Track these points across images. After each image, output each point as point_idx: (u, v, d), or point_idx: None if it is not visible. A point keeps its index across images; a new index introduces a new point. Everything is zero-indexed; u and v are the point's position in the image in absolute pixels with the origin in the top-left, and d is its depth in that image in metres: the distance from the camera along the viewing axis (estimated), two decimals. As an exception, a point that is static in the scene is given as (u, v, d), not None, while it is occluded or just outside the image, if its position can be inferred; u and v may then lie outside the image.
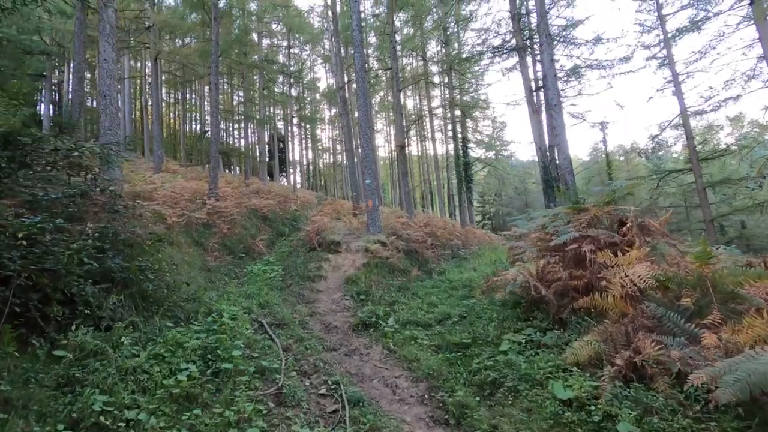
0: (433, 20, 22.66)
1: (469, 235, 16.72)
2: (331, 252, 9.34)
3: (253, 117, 24.47)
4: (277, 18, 27.26)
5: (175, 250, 7.77)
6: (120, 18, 18.30)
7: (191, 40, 28.05)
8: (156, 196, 9.13)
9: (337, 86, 17.32)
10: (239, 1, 22.39)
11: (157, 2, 27.51)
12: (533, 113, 13.62)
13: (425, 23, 23.04)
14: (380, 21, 23.32)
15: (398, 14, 24.20)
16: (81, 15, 10.69)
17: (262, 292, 7.42)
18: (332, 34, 20.67)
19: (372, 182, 10.77)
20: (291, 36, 27.50)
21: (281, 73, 27.89)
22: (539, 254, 5.67)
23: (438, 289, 8.70)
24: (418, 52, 21.51)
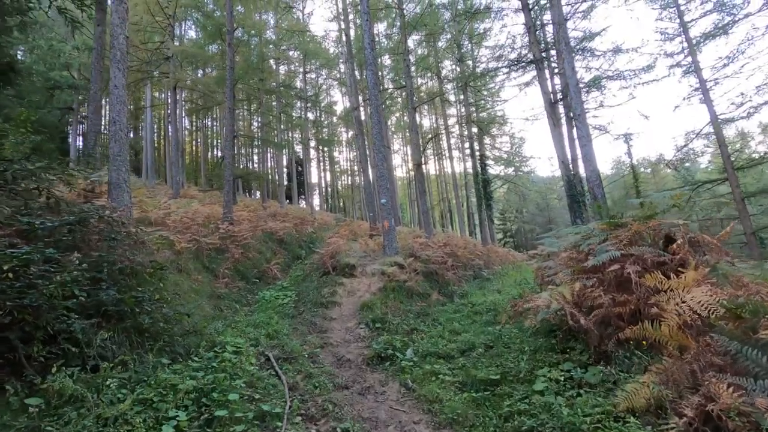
0: (446, 39, 22.55)
1: (491, 254, 15.97)
2: (346, 276, 8.83)
3: (271, 141, 24.56)
4: (294, 45, 27.69)
5: (182, 278, 7.40)
6: (141, 49, 18.77)
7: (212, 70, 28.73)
8: (167, 221, 8.87)
9: (351, 107, 17.13)
10: (256, 30, 22.79)
11: (179, 35, 28.41)
12: (554, 126, 13.01)
13: (439, 42, 22.94)
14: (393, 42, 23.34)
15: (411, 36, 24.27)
16: (98, 45, 10.78)
17: (271, 321, 6.93)
18: (346, 57, 20.70)
19: (388, 201, 10.29)
20: (307, 61, 27.78)
21: (298, 98, 28.14)
22: (573, 276, 5.01)
23: (460, 314, 8.04)
24: (432, 71, 21.27)
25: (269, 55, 26.49)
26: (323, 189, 48.70)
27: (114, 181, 7.59)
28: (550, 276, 5.88)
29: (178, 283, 6.89)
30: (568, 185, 12.70)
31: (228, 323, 6.78)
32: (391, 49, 23.70)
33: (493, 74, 20.20)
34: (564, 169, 12.76)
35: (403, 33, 15.48)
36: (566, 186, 12.73)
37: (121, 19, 8.15)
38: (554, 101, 13.37)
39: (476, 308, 8.38)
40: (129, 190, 7.77)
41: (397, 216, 30.27)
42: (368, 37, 10.92)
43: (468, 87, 19.18)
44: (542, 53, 13.61)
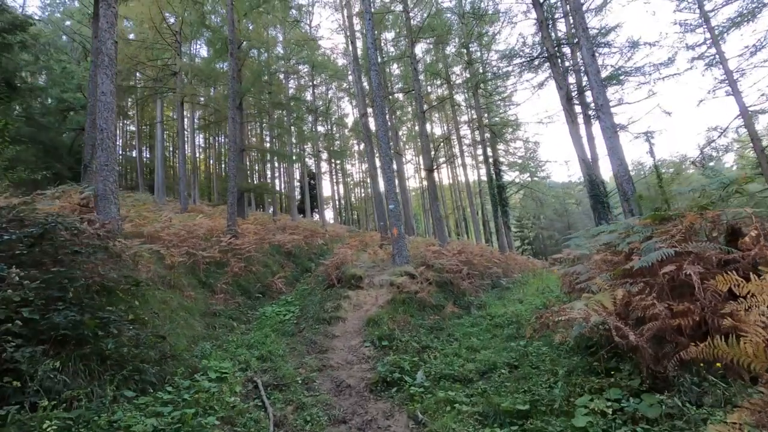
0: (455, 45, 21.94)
1: (510, 261, 14.98)
2: (352, 288, 8.05)
3: (280, 154, 24.17)
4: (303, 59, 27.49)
5: (173, 294, 6.72)
6: (148, 66, 18.64)
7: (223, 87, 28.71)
8: (161, 234, 8.27)
9: (359, 114, 16.54)
10: (264, 45, 22.56)
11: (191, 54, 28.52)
12: (572, 123, 12.12)
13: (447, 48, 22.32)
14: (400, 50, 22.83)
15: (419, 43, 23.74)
16: (95, 56, 10.44)
17: (267, 341, 6.18)
18: (353, 66, 20.23)
19: (396, 207, 9.53)
20: (315, 74, 27.50)
21: (309, 111, 27.80)
22: (613, 282, 4.13)
23: (478, 327, 7.16)
24: (441, 77, 20.61)
25: (278, 69, 26.33)
26: (336, 202, 48.23)
27: (101, 192, 7.04)
28: (581, 282, 4.98)
29: (166, 301, 6.21)
30: (590, 185, 11.73)
31: (218, 344, 6.04)
32: (399, 56, 23.20)
33: (505, 76, 19.44)
34: (584, 168, 11.82)
35: (410, 37, 14.88)
36: (588, 186, 11.76)
37: (109, 24, 7.70)
38: (570, 97, 12.49)
39: (496, 320, 7.49)
40: (117, 201, 7.20)
41: (411, 225, 29.42)
42: (371, 37, 10.31)
43: (478, 90, 18.42)
44: (555, 48, 12.79)
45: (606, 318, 3.44)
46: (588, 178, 11.78)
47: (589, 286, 4.63)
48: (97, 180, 7.09)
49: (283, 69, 26.48)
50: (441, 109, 32.16)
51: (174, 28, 18.60)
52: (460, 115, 29.34)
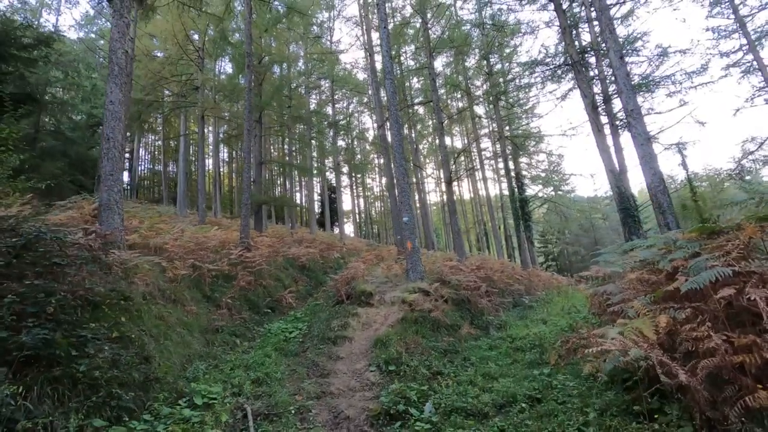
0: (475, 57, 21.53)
1: (533, 278, 14.17)
2: (362, 305, 7.54)
3: (299, 167, 24.10)
4: (324, 74, 27.63)
5: (173, 309, 6.38)
6: (171, 81, 18.91)
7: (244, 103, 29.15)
8: (166, 246, 8.01)
9: (377, 126, 16.24)
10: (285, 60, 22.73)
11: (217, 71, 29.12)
12: (598, 133, 11.42)
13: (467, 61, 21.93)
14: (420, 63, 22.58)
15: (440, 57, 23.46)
16: (112, 70, 10.51)
17: (266, 361, 5.72)
18: (371, 79, 20.07)
19: (411, 220, 9.02)
20: (336, 88, 27.58)
21: (329, 125, 27.82)
22: (654, 306, 3.50)
23: (497, 351, 6.51)
24: (461, 89, 20.17)
25: (299, 84, 26.52)
26: (357, 216, 48.01)
27: (104, 202, 6.82)
28: (615, 305, 4.34)
29: (163, 317, 5.86)
30: (620, 197, 10.94)
31: (214, 364, 5.62)
32: (418, 69, 22.94)
33: (527, 87, 18.85)
34: (613, 179, 11.05)
35: (428, 47, 14.55)
36: (617, 198, 10.97)
37: (120, 34, 7.61)
38: (596, 106, 11.80)
39: (517, 343, 6.83)
40: (121, 211, 6.96)
41: (432, 240, 28.76)
42: (386, 45, 9.99)
43: (499, 102, 17.87)
44: (579, 55, 12.18)
45: (648, 352, 2.82)
46: (617, 190, 11.01)
47: (624, 310, 3.99)
48: (102, 189, 6.88)
49: (303, 84, 26.67)
50: (461, 122, 31.67)
51: (197, 45, 18.91)
52: (480, 127, 28.76)
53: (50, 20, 23.61)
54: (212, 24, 18.45)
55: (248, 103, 12.66)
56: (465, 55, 20.42)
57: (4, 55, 10.34)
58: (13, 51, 10.71)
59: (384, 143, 15.62)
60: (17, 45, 10.75)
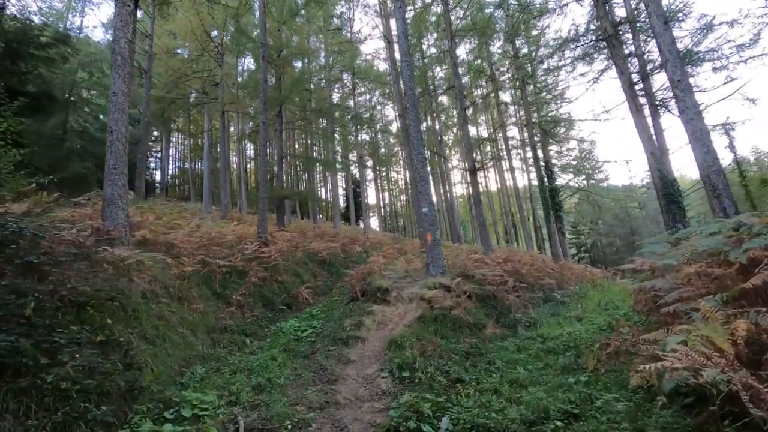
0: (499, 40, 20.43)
1: (565, 271, 13.21)
2: (378, 302, 6.98)
3: (324, 162, 23.75)
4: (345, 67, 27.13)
5: (177, 308, 6.02)
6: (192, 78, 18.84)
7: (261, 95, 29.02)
8: (176, 242, 7.70)
9: (397, 115, 15.58)
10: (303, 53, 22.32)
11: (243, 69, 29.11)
12: (636, 112, 10.36)
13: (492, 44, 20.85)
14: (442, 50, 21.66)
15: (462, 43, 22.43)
16: (125, 64, 10.33)
17: (272, 364, 5.25)
18: (391, 69, 19.38)
19: (430, 211, 8.37)
20: (357, 80, 27.02)
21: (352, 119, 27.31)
22: (727, 307, 2.76)
23: (526, 353, 5.81)
24: (485, 74, 19.18)
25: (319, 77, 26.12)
26: (382, 210, 47.51)
27: (108, 197, 6.54)
28: (670, 304, 3.58)
29: (164, 316, 5.49)
30: (662, 182, 9.89)
31: (216, 367, 5.20)
32: (440, 55, 22.04)
33: (556, 70, 17.68)
34: (654, 163, 10.00)
35: (449, 29, 13.73)
36: (659, 183, 9.93)
37: (123, 23, 7.30)
38: (633, 83, 10.72)
39: (549, 344, 6.10)
40: (125, 207, 6.67)
41: (458, 232, 27.89)
42: (401, 25, 9.31)
43: (526, 85, 16.81)
44: (614, 28, 11.10)
45: (728, 372, 2.12)
46: (658, 173, 9.96)
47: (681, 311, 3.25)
48: (105, 184, 6.59)
49: (325, 77, 26.25)
50: (486, 110, 30.49)
51: (216, 41, 18.77)
52: (507, 116, 27.55)
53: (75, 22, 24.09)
54: (230, 19, 18.23)
55: (263, 96, 12.28)
56: (489, 39, 19.39)
57: (22, 54, 10.32)
58: (32, 50, 10.70)
59: (405, 133, 14.96)
60: (35, 44, 10.74)
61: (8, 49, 9.95)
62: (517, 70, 16.54)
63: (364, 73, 28.06)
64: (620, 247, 28.93)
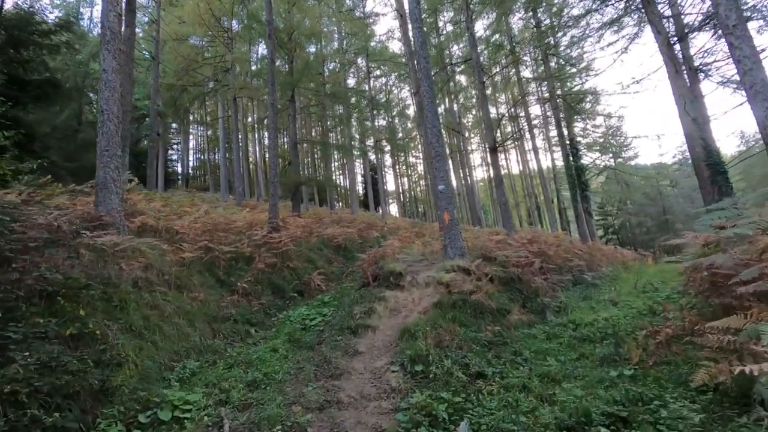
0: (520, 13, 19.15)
1: (594, 252, 12.31)
2: (391, 287, 6.37)
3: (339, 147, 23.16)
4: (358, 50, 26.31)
5: (175, 296, 5.57)
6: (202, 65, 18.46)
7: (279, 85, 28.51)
8: (177, 228, 7.27)
9: (412, 93, 14.79)
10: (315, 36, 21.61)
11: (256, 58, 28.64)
12: (675, 75, 9.29)
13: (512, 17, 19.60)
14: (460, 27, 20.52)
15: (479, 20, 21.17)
16: (128, 46, 9.91)
17: (272, 357, 4.74)
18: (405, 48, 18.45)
19: (447, 189, 7.66)
20: (371, 62, 26.13)
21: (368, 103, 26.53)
22: None
23: (557, 342, 5.12)
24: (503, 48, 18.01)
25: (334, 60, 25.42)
26: (401, 196, 46.77)
27: (101, 181, 6.11)
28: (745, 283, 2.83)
29: (157, 306, 5.04)
30: (706, 151, 8.86)
31: (212, 360, 4.73)
32: (457, 33, 20.96)
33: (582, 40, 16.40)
34: (696, 129, 8.96)
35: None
36: (703, 152, 8.90)
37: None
38: (671, 42, 9.61)
39: (582, 332, 5.39)
40: (119, 191, 6.24)
41: (478, 215, 26.99)
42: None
43: (549, 56, 15.66)
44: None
45: None
46: (702, 142, 8.92)
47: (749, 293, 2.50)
48: (97, 167, 6.17)
49: (339, 61, 25.50)
50: (506, 89, 29.13)
51: (225, 26, 18.27)
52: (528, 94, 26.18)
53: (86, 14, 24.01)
54: (238, 3, 17.67)
55: (271, 76, 11.70)
56: (508, 10, 18.17)
57: (24, 41, 10.02)
58: (35, 37, 10.40)
59: (420, 111, 14.15)
60: (38, 31, 10.43)
61: (9, 37, 9.64)
62: (540, 41, 15.38)
63: (379, 55, 27.14)
64: (651, 227, 27.36)
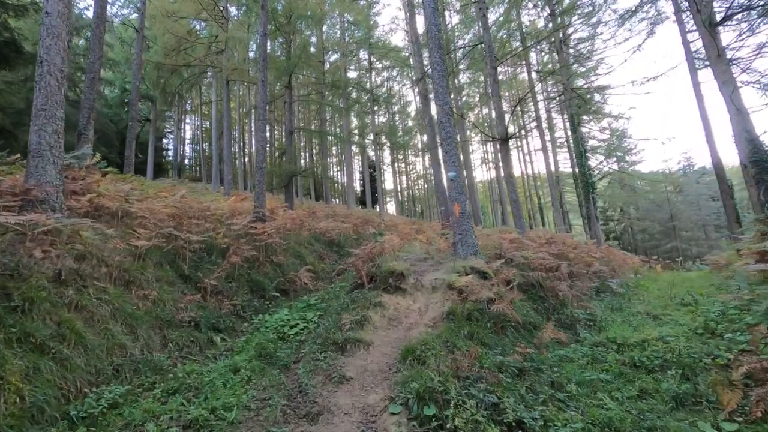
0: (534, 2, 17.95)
1: (610, 256, 11.13)
2: (390, 290, 5.13)
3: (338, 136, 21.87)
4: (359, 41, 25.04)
5: (115, 294, 4.31)
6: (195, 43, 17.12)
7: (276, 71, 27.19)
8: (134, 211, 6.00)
9: (415, 81, 13.57)
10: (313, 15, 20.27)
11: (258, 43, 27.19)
12: (717, 58, 8.13)
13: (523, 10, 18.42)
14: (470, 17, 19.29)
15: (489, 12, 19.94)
16: (96, 6, 8.62)
17: (231, 381, 3.49)
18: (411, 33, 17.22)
19: (458, 176, 6.43)
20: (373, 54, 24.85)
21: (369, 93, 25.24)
22: None
23: (602, 367, 3.93)
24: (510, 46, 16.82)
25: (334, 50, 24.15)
26: (399, 194, 45.55)
27: (34, 147, 4.83)
28: None
29: (85, 306, 3.79)
30: (751, 146, 7.68)
31: (147, 384, 3.47)
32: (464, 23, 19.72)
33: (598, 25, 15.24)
34: (741, 122, 7.78)
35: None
36: (747, 147, 7.71)
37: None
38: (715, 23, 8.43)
39: (631, 355, 4.18)
40: (57, 161, 4.95)
41: (478, 216, 25.78)
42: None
43: (564, 46, 14.46)
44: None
45: None
46: (746, 135, 7.74)
47: None
48: (31, 130, 4.88)
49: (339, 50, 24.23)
50: (511, 87, 27.96)
51: (221, 4, 16.96)
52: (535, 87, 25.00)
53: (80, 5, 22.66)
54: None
55: (263, 51, 10.40)
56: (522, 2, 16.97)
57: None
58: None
59: (424, 99, 12.95)
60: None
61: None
62: (554, 30, 14.19)
63: (381, 48, 25.86)
64: (657, 233, 26.25)
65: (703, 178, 29.34)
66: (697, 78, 14.26)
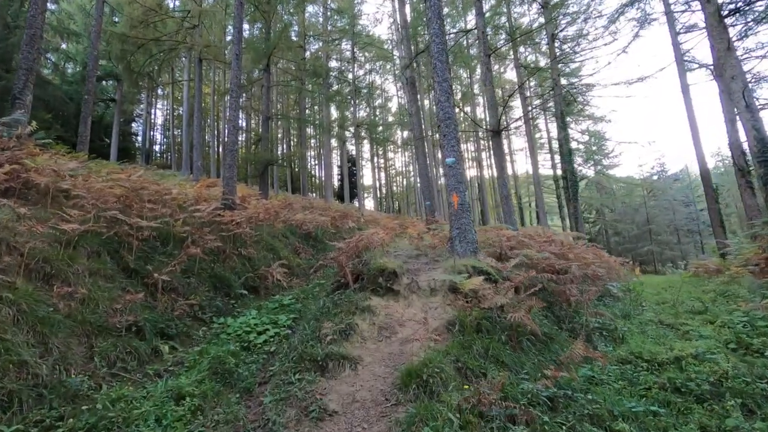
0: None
1: (602, 258, 10.61)
2: (379, 292, 4.26)
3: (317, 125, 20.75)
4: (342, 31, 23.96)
5: (25, 292, 3.27)
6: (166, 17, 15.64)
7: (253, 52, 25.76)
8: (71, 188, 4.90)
9: (402, 66, 12.71)
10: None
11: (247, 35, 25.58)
12: (727, 51, 7.62)
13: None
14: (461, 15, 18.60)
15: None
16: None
17: (171, 415, 2.54)
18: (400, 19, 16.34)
19: (456, 162, 5.62)
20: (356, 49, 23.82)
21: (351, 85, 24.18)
22: None
23: (641, 395, 3.18)
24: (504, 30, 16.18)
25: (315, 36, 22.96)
26: (377, 191, 44.65)
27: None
28: None
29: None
30: (760, 144, 7.21)
31: (49, 422, 2.47)
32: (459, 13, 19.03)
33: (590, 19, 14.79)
34: (749, 118, 7.31)
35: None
36: (756, 145, 7.24)
37: None
38: (723, 15, 7.94)
39: (670, 377, 3.46)
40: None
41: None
42: None
43: (555, 40, 13.90)
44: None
45: None
46: (756, 134, 7.27)
47: None
48: None
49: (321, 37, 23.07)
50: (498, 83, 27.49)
51: (195, -23, 15.56)
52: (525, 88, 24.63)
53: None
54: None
55: (237, 20, 9.26)
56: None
57: None
58: None
59: (411, 88, 12.11)
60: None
61: None
62: (547, 23, 13.61)
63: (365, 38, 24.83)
64: (632, 237, 26.43)
65: (675, 184, 29.86)
66: (686, 80, 14.03)
